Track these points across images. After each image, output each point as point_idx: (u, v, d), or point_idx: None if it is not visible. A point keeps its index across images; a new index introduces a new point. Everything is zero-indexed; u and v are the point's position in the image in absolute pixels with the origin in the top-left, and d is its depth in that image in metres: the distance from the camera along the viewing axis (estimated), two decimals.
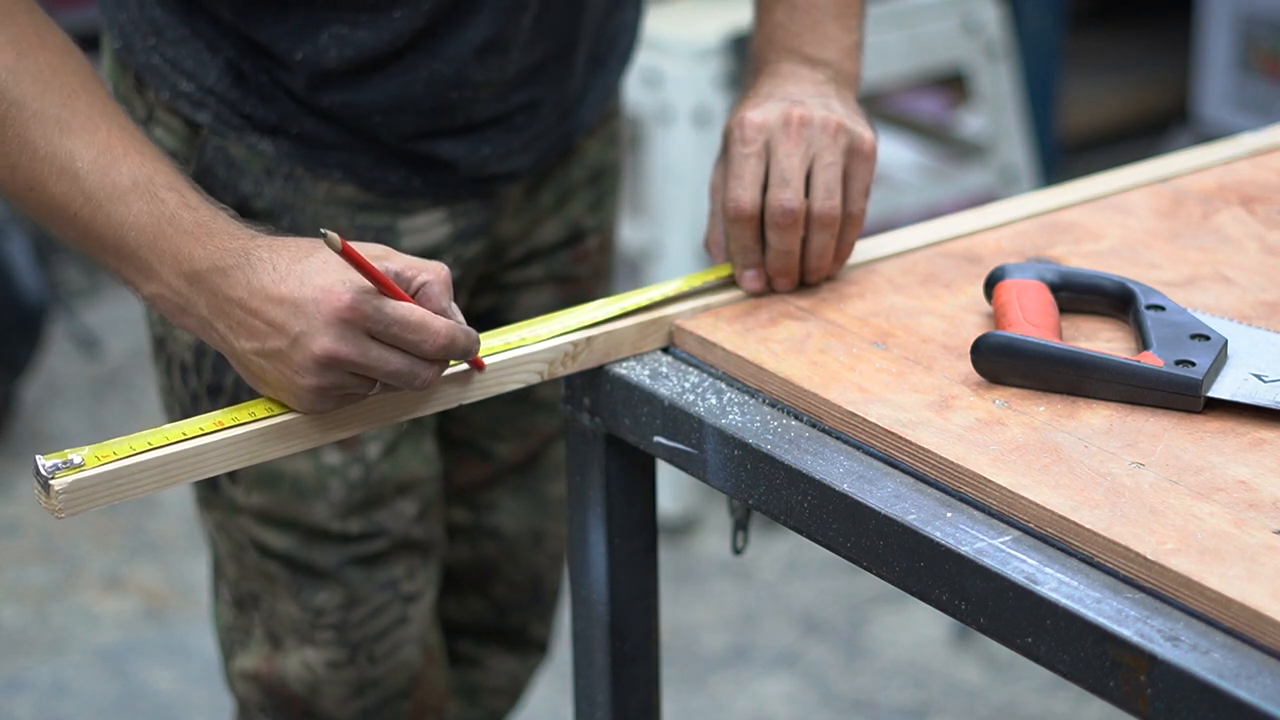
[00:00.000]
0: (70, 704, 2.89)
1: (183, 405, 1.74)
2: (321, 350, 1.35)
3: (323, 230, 1.34)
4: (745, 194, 1.51)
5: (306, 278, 1.36)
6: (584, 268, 1.84)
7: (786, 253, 1.52)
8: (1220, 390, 1.38)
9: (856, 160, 1.53)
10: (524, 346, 1.47)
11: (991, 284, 1.50)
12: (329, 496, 1.76)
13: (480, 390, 1.46)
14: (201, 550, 3.26)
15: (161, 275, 1.40)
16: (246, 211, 1.66)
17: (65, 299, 3.88)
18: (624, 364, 1.50)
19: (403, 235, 1.71)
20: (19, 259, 3.44)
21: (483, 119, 1.68)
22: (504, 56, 1.65)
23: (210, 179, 1.67)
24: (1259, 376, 1.40)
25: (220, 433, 1.36)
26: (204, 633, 3.04)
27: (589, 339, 1.49)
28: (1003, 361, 1.41)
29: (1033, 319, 1.44)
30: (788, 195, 1.50)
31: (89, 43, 4.11)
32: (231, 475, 1.75)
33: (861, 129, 1.54)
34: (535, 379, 1.48)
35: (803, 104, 1.53)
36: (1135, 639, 1.18)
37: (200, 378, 1.72)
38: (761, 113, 1.53)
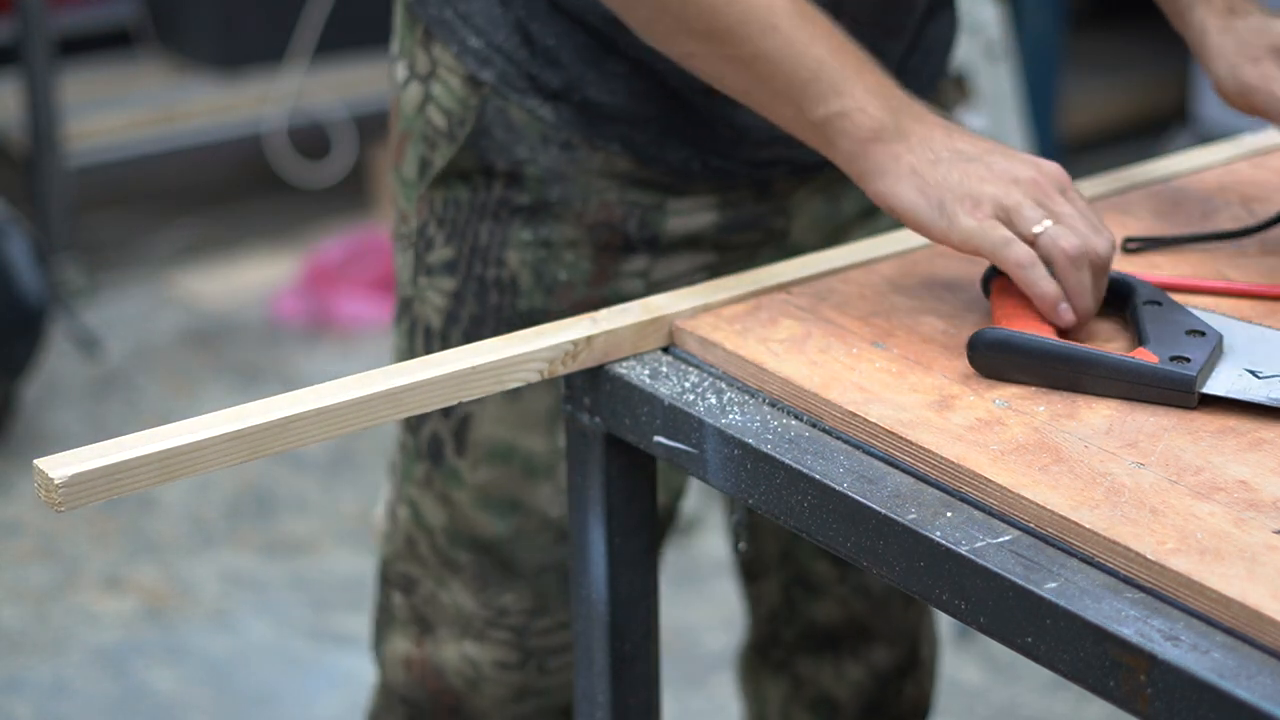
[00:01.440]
0: (70, 704, 2.89)
1: None
2: (1025, 176, 1.47)
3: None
4: None
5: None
6: None
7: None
8: (1215, 387, 1.39)
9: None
10: (523, 345, 1.47)
11: (988, 280, 1.50)
12: (556, 480, 1.72)
13: (479, 388, 1.46)
14: (201, 550, 3.26)
15: (854, 93, 1.48)
16: (518, 177, 1.67)
17: (65, 299, 3.88)
18: (624, 364, 1.50)
19: (669, 215, 1.68)
20: (19, 259, 3.44)
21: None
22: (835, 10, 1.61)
23: (486, 140, 1.67)
24: (1253, 373, 1.40)
25: (221, 428, 1.36)
26: (204, 632, 3.04)
27: (589, 338, 1.49)
28: (998, 357, 1.41)
29: (1029, 315, 1.44)
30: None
31: (88, 41, 4.11)
32: (460, 445, 1.73)
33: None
34: (535, 377, 1.48)
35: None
36: (1135, 639, 1.18)
37: (445, 344, 1.70)
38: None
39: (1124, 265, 1.58)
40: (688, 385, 1.47)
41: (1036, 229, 1.45)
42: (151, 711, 2.88)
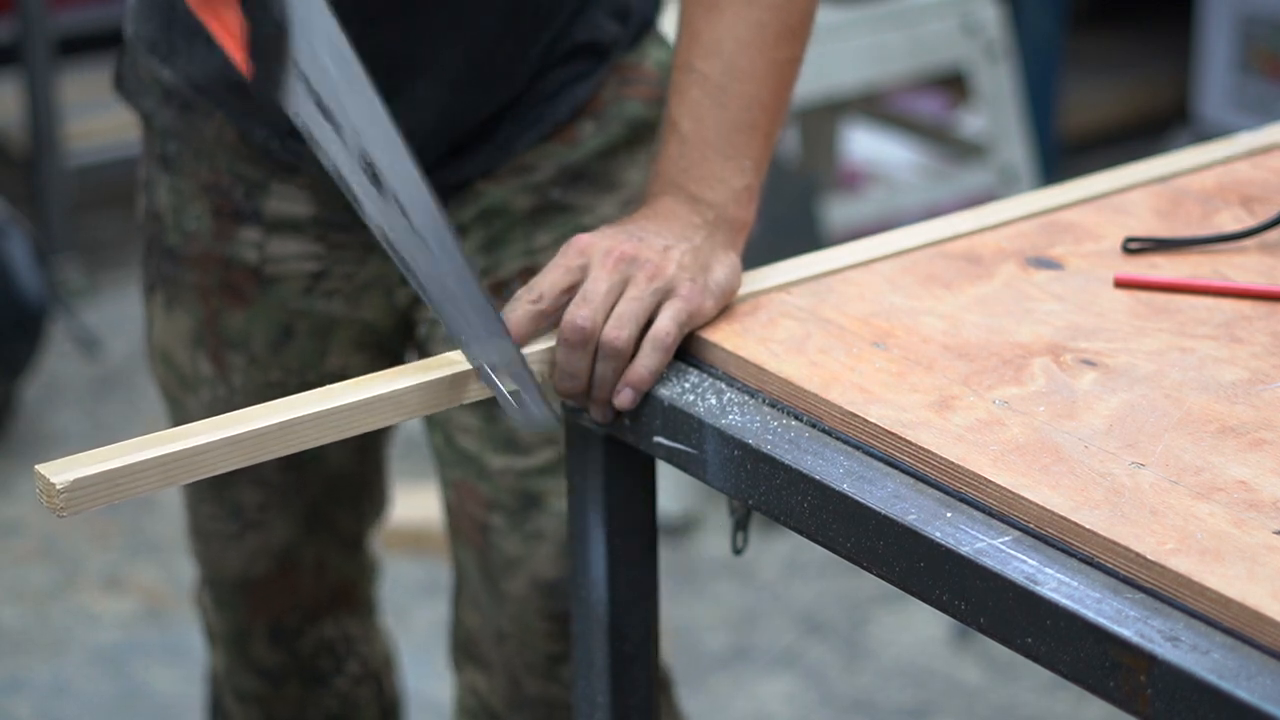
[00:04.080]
0: (70, 704, 2.89)
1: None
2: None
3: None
4: (572, 314, 1.46)
5: None
6: None
7: (572, 375, 1.47)
8: None
9: (670, 298, 1.48)
10: (533, 345, 1.47)
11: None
12: (199, 396, 1.86)
13: (479, 391, 1.46)
14: None
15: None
16: (150, 127, 1.82)
17: (65, 299, 3.88)
18: None
19: (271, 195, 1.77)
20: (19, 259, 3.44)
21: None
22: None
23: (124, 88, 1.84)
24: None
25: (221, 432, 1.36)
26: None
27: None
28: None
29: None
30: (584, 313, 1.46)
31: (88, 41, 4.10)
32: (149, 340, 1.89)
33: (690, 282, 1.48)
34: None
35: (640, 241, 1.49)
36: (1135, 639, 1.18)
37: (144, 250, 1.89)
38: (594, 237, 1.50)
39: (1124, 266, 1.58)
40: (687, 385, 1.47)
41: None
42: (151, 711, 2.88)
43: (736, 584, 3.15)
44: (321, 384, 1.79)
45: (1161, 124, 4.54)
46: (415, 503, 3.19)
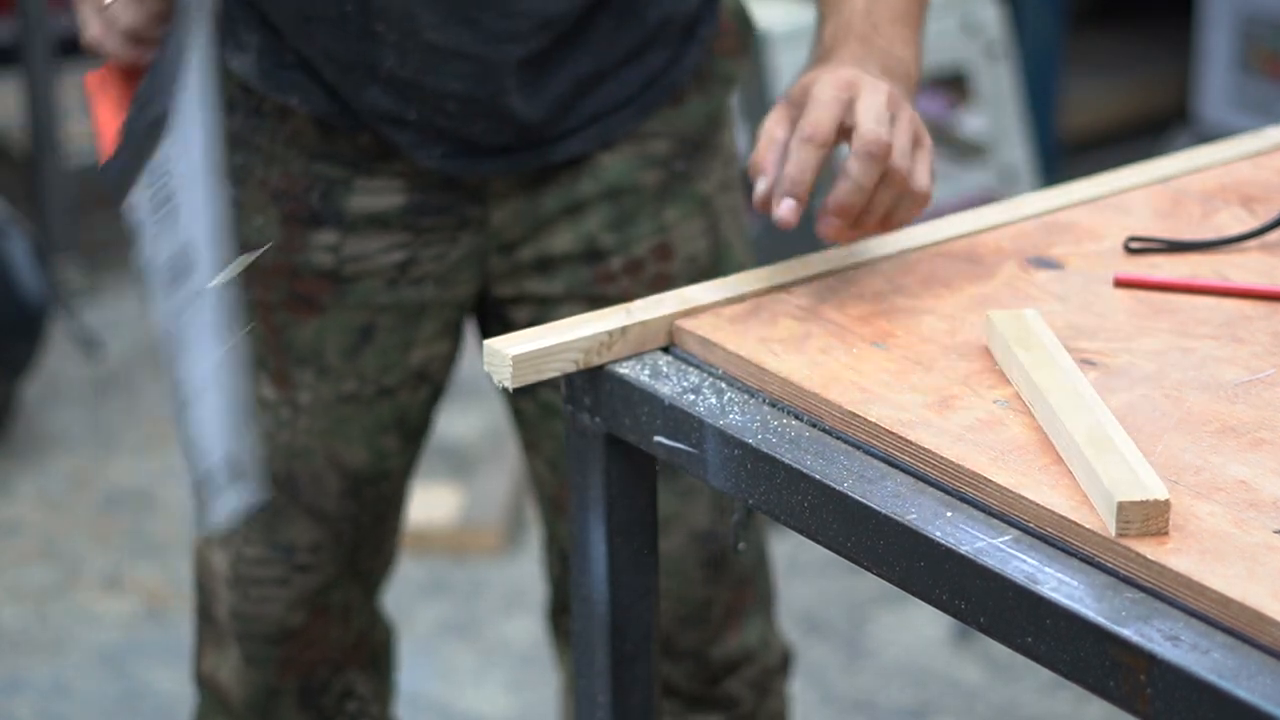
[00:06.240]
0: (70, 704, 2.89)
1: None
2: None
3: None
4: (826, 116, 1.48)
5: None
6: (613, 290, 1.80)
7: (861, 188, 1.48)
8: None
9: (919, 146, 1.51)
10: (557, 336, 1.48)
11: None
12: (258, 426, 1.81)
13: (514, 380, 1.47)
14: None
15: None
16: None
17: (65, 299, 3.88)
18: (624, 364, 1.50)
19: (355, 193, 1.75)
20: (19, 259, 3.44)
21: (404, 79, 1.70)
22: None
23: None
24: None
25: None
26: None
27: (624, 329, 1.49)
28: None
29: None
30: (882, 129, 1.47)
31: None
32: None
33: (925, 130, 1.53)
34: (571, 367, 1.48)
35: (885, 82, 1.52)
36: (1135, 639, 1.18)
37: None
38: (848, 71, 1.52)
39: (1125, 265, 1.58)
40: (688, 385, 1.47)
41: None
42: (151, 711, 2.88)
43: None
44: (401, 387, 1.80)
45: (1161, 124, 4.54)
46: (417, 503, 3.19)
